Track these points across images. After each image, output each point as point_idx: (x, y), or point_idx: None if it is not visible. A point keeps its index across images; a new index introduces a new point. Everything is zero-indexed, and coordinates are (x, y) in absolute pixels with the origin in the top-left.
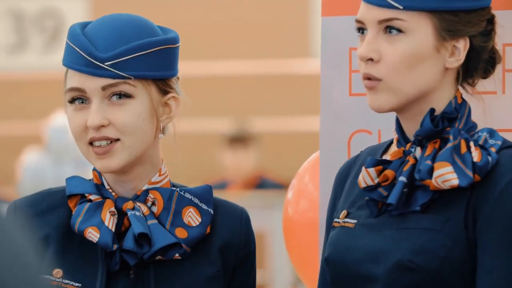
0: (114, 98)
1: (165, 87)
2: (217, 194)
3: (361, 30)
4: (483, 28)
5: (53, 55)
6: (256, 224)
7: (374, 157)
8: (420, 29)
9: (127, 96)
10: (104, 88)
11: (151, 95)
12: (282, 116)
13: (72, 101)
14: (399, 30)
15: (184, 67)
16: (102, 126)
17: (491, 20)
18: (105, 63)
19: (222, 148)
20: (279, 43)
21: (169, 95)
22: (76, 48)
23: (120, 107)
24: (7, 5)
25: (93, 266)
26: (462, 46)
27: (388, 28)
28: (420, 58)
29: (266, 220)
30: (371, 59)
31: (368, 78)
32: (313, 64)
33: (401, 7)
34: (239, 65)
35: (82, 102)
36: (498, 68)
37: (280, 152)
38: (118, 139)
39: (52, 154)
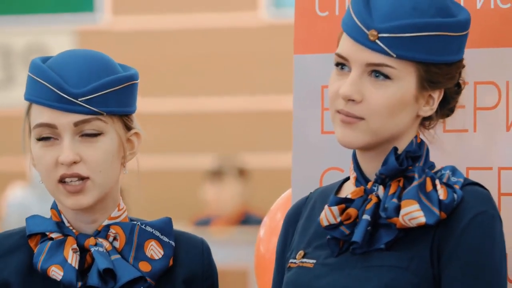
0: (85, 135)
1: (129, 123)
2: (201, 230)
3: (341, 65)
4: (457, 80)
5: None
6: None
7: (326, 197)
8: (406, 77)
9: (98, 133)
10: (76, 124)
11: (119, 132)
12: (267, 152)
13: (40, 138)
14: (387, 77)
15: (168, 103)
16: (74, 162)
17: (460, 72)
18: (79, 99)
19: (205, 183)
20: (263, 80)
21: (132, 131)
22: (45, 83)
23: (92, 144)
24: None
25: None
26: (437, 96)
27: (375, 72)
28: (402, 105)
29: (249, 257)
30: (353, 100)
31: (347, 115)
32: None
33: (394, 55)
34: (222, 101)
35: (51, 139)
36: (469, 106)
37: (265, 187)
38: (88, 177)
39: (37, 190)
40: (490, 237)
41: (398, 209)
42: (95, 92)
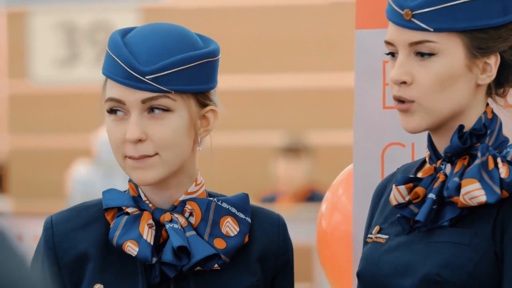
0: (154, 111)
1: (205, 100)
2: (267, 206)
3: (392, 53)
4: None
5: None
6: (304, 237)
7: (405, 175)
8: (451, 49)
9: (167, 110)
10: (144, 101)
11: (190, 109)
12: (334, 129)
13: (111, 111)
14: (431, 52)
15: (239, 80)
16: (140, 140)
17: None
18: (146, 77)
19: (275, 160)
20: (331, 57)
21: (208, 108)
22: (117, 60)
23: (159, 121)
24: (59, 18)
25: (133, 280)
26: (493, 62)
27: (419, 50)
28: (452, 78)
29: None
30: (404, 82)
31: (401, 100)
32: None
33: (431, 29)
34: (292, 79)
35: (121, 113)
36: None
37: (331, 165)
38: (156, 154)
39: (102, 167)
40: None
41: (459, 188)
42: (163, 71)
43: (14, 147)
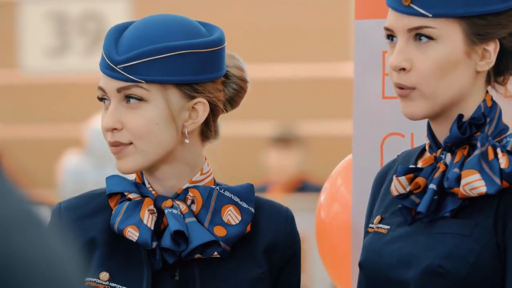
0: (130, 100)
1: (191, 91)
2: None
3: (391, 37)
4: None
5: (95, 57)
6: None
7: (405, 166)
8: (450, 35)
9: (140, 99)
10: (119, 90)
11: (169, 100)
12: (325, 119)
13: (100, 99)
14: (430, 38)
15: None
16: (115, 129)
17: None
18: (118, 66)
19: (266, 150)
20: (322, 47)
21: (195, 100)
22: (103, 49)
23: (134, 110)
24: (50, 8)
25: (138, 268)
26: (493, 49)
27: (418, 35)
28: (451, 64)
29: (306, 224)
30: (403, 69)
31: (401, 87)
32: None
33: (430, 15)
34: (284, 68)
35: (108, 102)
36: None
37: (323, 155)
38: (131, 143)
39: (93, 157)
40: None
41: (459, 179)
42: (133, 60)
43: (5, 137)
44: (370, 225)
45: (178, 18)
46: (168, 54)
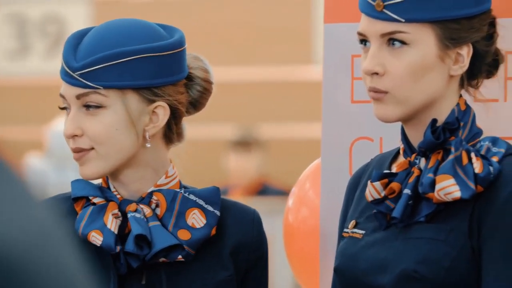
0: (89, 107)
1: (150, 95)
2: None
3: (364, 42)
4: (485, 33)
5: (55, 60)
6: None
7: (379, 170)
8: (423, 40)
9: (99, 105)
10: (78, 97)
11: (128, 105)
12: (286, 122)
13: (63, 108)
14: (403, 42)
15: None
16: (76, 135)
17: (492, 23)
18: (75, 73)
19: (226, 153)
20: (282, 49)
21: (155, 103)
22: (62, 56)
23: (93, 117)
24: (10, 10)
25: (105, 273)
26: (466, 52)
27: (391, 40)
28: (425, 68)
29: (267, 227)
30: (376, 73)
31: (374, 90)
32: (316, 71)
33: (403, 20)
34: (244, 71)
35: (69, 109)
36: (500, 75)
37: (283, 158)
38: (92, 148)
39: (53, 160)
40: None
41: (433, 184)
42: (90, 66)
43: None
44: (345, 230)
45: (137, 22)
46: (125, 59)
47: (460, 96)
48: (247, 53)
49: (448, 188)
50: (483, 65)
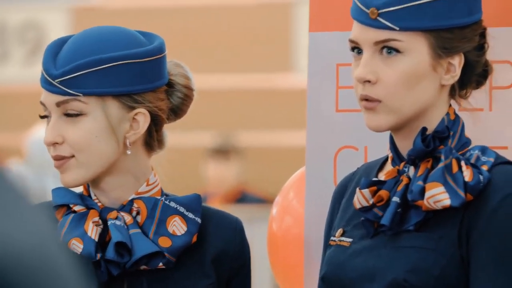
0: (69, 114)
1: (131, 102)
2: None
3: (356, 49)
4: (477, 43)
5: (34, 67)
6: None
7: (368, 178)
8: (416, 48)
9: (79, 113)
10: (58, 105)
11: (108, 112)
12: (265, 130)
13: (41, 116)
14: (396, 51)
15: None
16: (57, 143)
17: (483, 34)
18: (55, 80)
19: (205, 161)
20: (261, 57)
21: (135, 110)
22: (42, 64)
23: (74, 124)
24: None
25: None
26: (457, 62)
27: (385, 48)
28: (417, 77)
29: (246, 235)
30: (369, 81)
31: (366, 99)
32: (295, 79)
33: (397, 28)
34: (223, 79)
35: (49, 117)
36: (486, 84)
37: (262, 166)
38: (73, 156)
39: (32, 167)
40: None
41: (423, 191)
42: (70, 73)
43: None
44: (332, 238)
45: (117, 29)
46: (104, 66)
47: (450, 105)
48: (225, 60)
49: (437, 196)
50: (473, 75)
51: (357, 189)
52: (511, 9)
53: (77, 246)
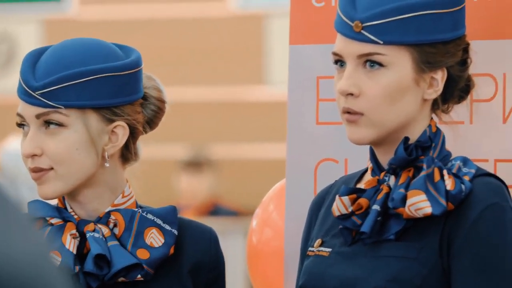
0: (49, 126)
1: (110, 115)
2: None
3: (339, 62)
4: (460, 58)
5: (6, 79)
6: None
7: (348, 186)
8: (400, 62)
9: (60, 125)
10: (38, 117)
11: (88, 125)
12: (237, 143)
13: (19, 125)
14: (380, 64)
15: None
16: (35, 155)
17: (466, 49)
18: (36, 92)
19: (177, 173)
20: (233, 70)
21: (115, 123)
22: (20, 75)
23: (53, 136)
24: None
25: None
26: (440, 77)
27: (368, 62)
28: (400, 91)
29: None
30: (351, 94)
31: (348, 112)
32: (268, 91)
33: (381, 42)
34: (195, 91)
35: (27, 128)
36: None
37: (235, 179)
38: (51, 168)
39: (6, 179)
40: (501, 229)
41: (404, 199)
42: (51, 86)
43: None
44: (310, 249)
45: (95, 41)
46: (85, 79)
47: (431, 118)
48: (198, 73)
49: (419, 204)
50: (456, 90)
51: (337, 196)
52: (492, 23)
53: (55, 259)
